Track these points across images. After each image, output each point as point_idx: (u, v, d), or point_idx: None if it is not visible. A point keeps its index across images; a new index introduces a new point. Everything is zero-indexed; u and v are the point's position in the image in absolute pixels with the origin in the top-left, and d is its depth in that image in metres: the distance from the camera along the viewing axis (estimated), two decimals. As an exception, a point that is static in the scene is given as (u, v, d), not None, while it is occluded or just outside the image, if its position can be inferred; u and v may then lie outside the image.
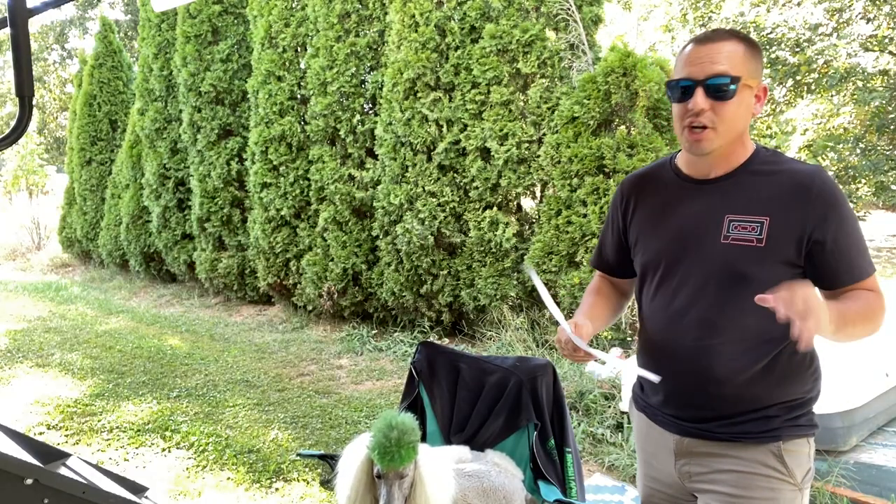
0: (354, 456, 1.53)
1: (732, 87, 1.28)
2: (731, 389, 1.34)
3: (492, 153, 5.17)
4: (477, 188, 5.26)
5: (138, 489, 1.53)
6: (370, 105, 6.15)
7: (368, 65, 6.02)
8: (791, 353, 1.33)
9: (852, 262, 1.30)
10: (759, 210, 1.31)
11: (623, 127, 4.69)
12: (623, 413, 3.64)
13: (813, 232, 1.28)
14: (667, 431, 1.45)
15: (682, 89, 1.32)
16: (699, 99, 1.29)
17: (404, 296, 5.68)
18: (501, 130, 5.08)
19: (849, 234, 1.29)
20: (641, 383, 1.54)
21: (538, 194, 5.34)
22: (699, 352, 1.36)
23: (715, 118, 1.29)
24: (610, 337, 4.51)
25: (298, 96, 6.45)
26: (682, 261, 1.39)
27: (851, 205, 1.33)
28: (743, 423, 1.35)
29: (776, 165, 1.35)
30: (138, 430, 3.81)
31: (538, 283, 1.47)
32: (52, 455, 1.45)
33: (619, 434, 3.54)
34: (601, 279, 1.68)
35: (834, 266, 1.29)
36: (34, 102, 1.50)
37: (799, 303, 1.09)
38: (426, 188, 5.42)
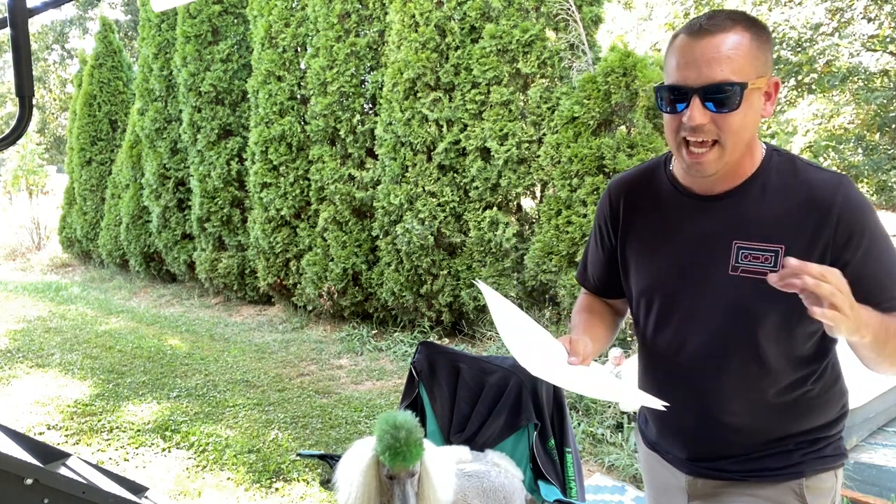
0: (358, 461, 1.53)
1: (737, 95, 1.04)
2: (741, 428, 1.22)
3: (492, 153, 5.17)
4: (477, 188, 5.26)
5: (138, 489, 1.53)
6: (370, 105, 6.15)
7: (368, 65, 6.02)
8: (813, 393, 1.20)
9: (885, 293, 1.08)
10: (773, 236, 1.11)
11: (623, 127, 4.69)
12: (623, 413, 3.64)
13: (840, 259, 1.07)
14: (678, 471, 1.32)
15: (675, 97, 1.09)
16: (696, 112, 1.06)
17: (404, 296, 5.68)
18: (501, 130, 5.08)
19: (879, 258, 1.09)
20: (647, 418, 1.41)
21: (538, 194, 5.34)
22: (704, 391, 1.23)
23: (720, 132, 1.07)
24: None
25: (298, 96, 6.45)
26: (685, 293, 1.22)
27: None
28: (759, 459, 1.22)
29: (791, 176, 1.13)
30: (138, 430, 3.81)
31: (492, 297, 1.20)
32: (52, 455, 1.45)
33: (619, 434, 3.54)
34: (591, 298, 1.47)
35: (863, 296, 1.04)
36: (34, 102, 1.50)
37: (831, 278, 0.90)
38: (426, 188, 5.42)
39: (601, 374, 1.21)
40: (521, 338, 1.17)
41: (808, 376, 1.19)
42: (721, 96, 1.05)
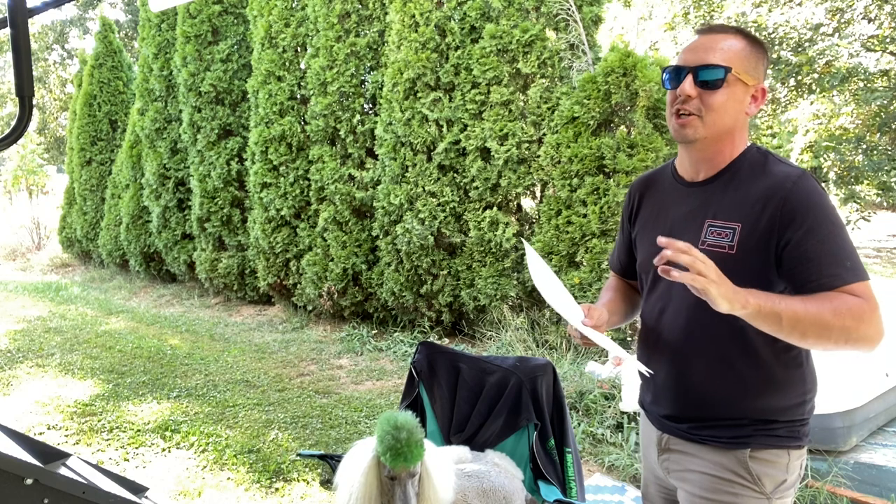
0: (359, 462, 1.53)
1: (721, 77, 1.26)
2: (703, 395, 1.36)
3: (492, 153, 5.17)
4: (477, 188, 5.26)
5: (138, 489, 1.53)
6: (370, 105, 6.15)
7: (368, 65, 6.02)
8: (772, 372, 1.31)
9: (823, 270, 1.19)
10: (734, 216, 1.29)
11: (623, 127, 4.69)
12: (623, 413, 3.64)
13: (781, 238, 1.22)
14: (653, 426, 1.51)
15: (674, 75, 1.32)
16: (686, 85, 1.28)
17: (404, 296, 5.68)
18: (501, 130, 5.08)
19: (821, 241, 1.20)
20: (645, 383, 1.57)
21: (538, 194, 5.34)
22: (675, 357, 1.39)
23: (702, 107, 1.28)
24: (611, 337, 4.50)
25: (298, 96, 6.45)
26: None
27: (847, 208, 1.24)
28: (712, 428, 1.36)
29: (759, 168, 1.31)
30: (138, 430, 3.81)
31: (533, 257, 1.44)
32: (52, 455, 1.44)
33: (619, 434, 3.54)
34: (617, 279, 1.70)
35: (802, 274, 1.21)
36: (34, 102, 1.49)
37: (694, 252, 1.10)
38: (426, 188, 5.42)
39: (603, 336, 1.39)
40: (552, 290, 1.41)
41: (769, 353, 1.30)
42: (707, 75, 1.27)
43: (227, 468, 3.34)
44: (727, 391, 1.33)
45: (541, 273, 1.42)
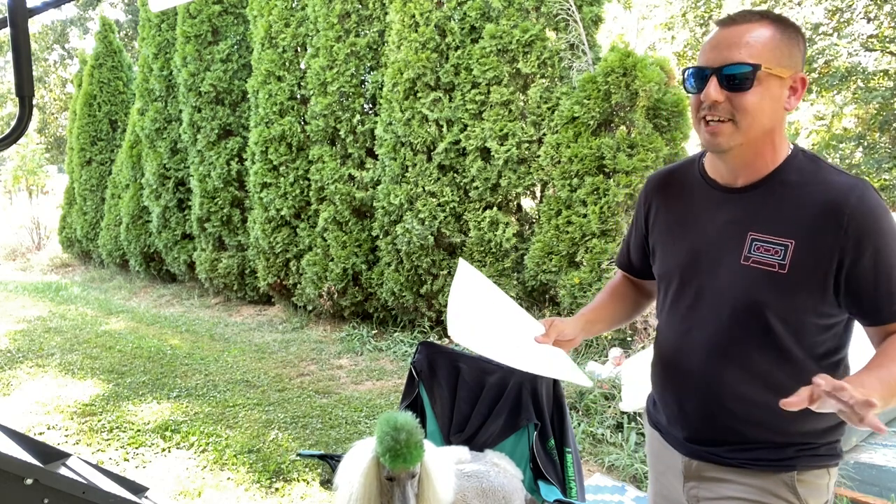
0: (359, 463, 1.53)
1: (749, 76, 1.11)
2: (741, 418, 1.24)
3: (492, 153, 5.17)
4: (477, 188, 5.26)
5: (138, 489, 1.53)
6: (370, 105, 6.15)
7: (368, 65, 6.02)
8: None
9: (892, 297, 1.11)
10: (785, 231, 1.15)
11: (623, 127, 4.69)
12: (623, 413, 3.64)
13: (846, 261, 1.11)
14: (676, 452, 1.36)
15: (697, 78, 1.18)
16: (712, 89, 1.13)
17: (404, 296, 5.68)
18: (501, 130, 5.08)
19: (890, 264, 1.11)
20: (655, 399, 1.45)
21: (538, 194, 5.34)
22: (707, 377, 1.26)
23: (734, 111, 1.13)
24: (610, 336, 4.51)
25: (298, 96, 6.45)
26: (698, 277, 1.27)
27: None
28: (754, 451, 1.24)
29: (811, 176, 1.17)
30: (138, 430, 3.81)
31: (469, 273, 1.40)
32: (52, 455, 1.44)
33: (619, 434, 3.54)
34: (622, 278, 1.59)
35: (874, 300, 1.12)
36: (34, 102, 1.49)
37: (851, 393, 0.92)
38: (426, 188, 5.42)
39: (557, 355, 1.32)
40: (475, 313, 1.32)
41: (813, 373, 1.18)
42: (735, 76, 1.12)
43: (227, 468, 3.34)
44: (766, 415, 1.21)
45: (470, 291, 1.35)
